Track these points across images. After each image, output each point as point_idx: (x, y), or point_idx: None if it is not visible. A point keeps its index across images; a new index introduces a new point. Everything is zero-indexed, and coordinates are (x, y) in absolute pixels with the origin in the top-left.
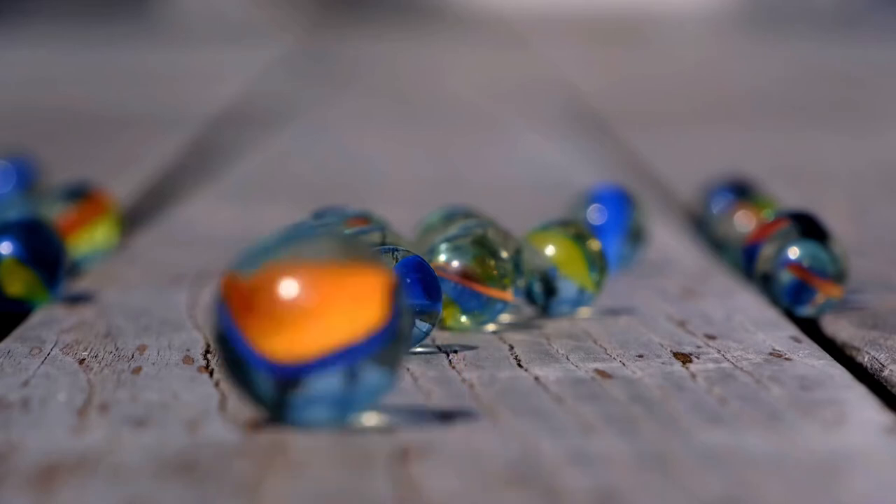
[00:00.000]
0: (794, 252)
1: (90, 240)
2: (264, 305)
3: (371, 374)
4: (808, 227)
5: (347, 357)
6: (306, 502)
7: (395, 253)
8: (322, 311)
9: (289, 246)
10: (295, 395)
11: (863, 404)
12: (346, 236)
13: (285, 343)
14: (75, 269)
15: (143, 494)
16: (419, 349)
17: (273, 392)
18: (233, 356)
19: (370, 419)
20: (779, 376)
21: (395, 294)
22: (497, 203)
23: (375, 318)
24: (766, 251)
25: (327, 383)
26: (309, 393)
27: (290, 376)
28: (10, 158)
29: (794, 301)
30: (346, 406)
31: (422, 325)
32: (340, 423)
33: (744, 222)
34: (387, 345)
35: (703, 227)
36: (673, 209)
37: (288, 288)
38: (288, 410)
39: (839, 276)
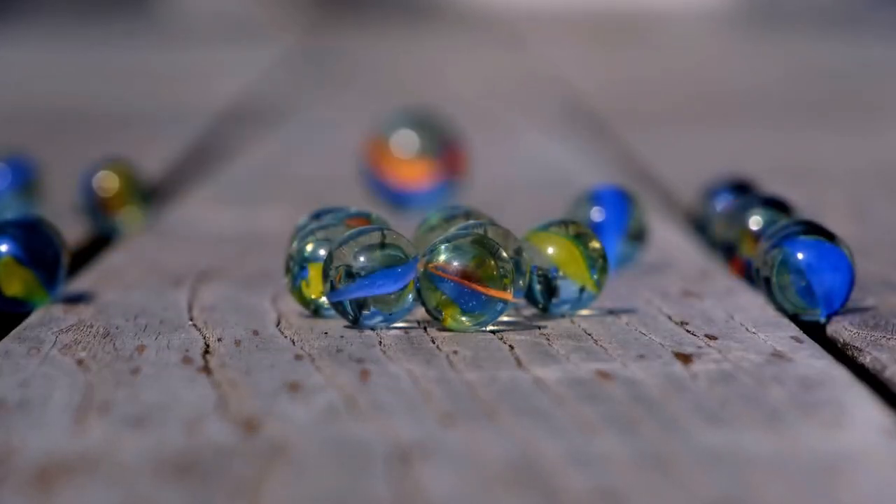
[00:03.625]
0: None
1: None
2: (383, 157)
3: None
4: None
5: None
6: (306, 503)
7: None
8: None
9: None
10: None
11: (864, 405)
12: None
13: (391, 177)
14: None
15: (142, 495)
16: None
17: (388, 200)
18: (368, 181)
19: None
20: (780, 377)
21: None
22: (497, 203)
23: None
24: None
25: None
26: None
27: (398, 197)
28: (9, 158)
29: None
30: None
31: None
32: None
33: None
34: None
35: (703, 227)
36: (673, 209)
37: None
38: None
39: None
